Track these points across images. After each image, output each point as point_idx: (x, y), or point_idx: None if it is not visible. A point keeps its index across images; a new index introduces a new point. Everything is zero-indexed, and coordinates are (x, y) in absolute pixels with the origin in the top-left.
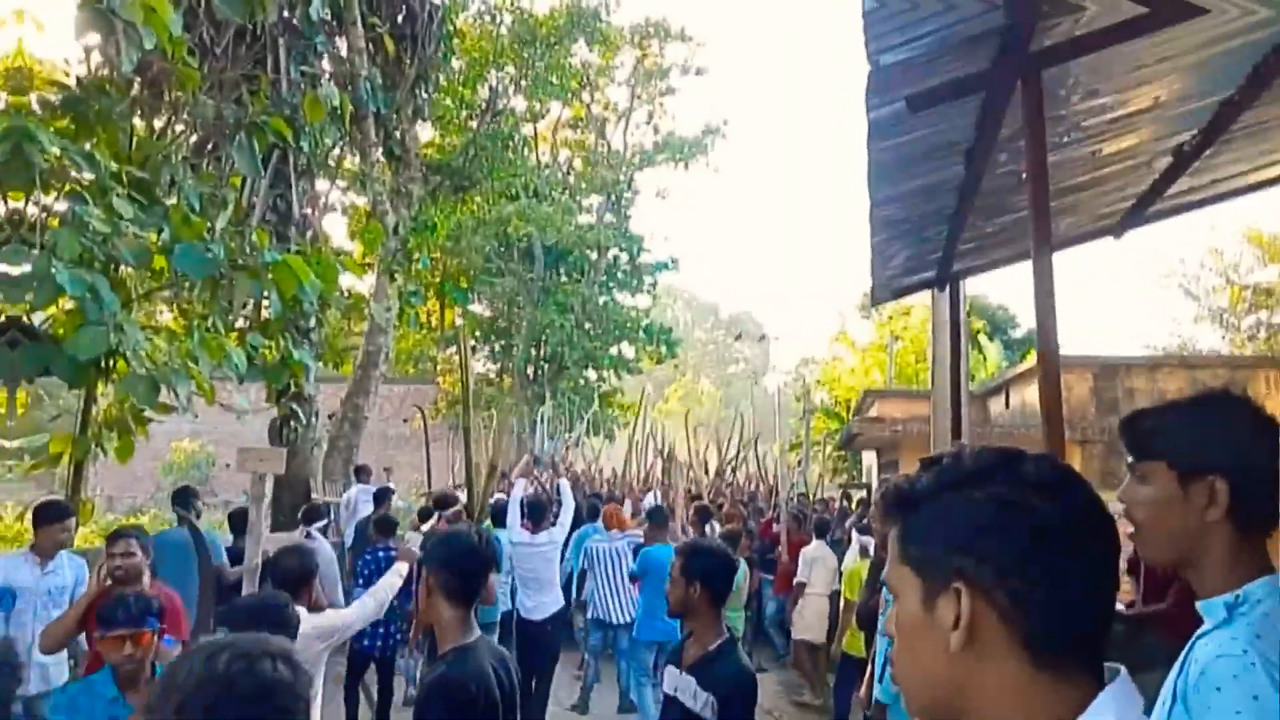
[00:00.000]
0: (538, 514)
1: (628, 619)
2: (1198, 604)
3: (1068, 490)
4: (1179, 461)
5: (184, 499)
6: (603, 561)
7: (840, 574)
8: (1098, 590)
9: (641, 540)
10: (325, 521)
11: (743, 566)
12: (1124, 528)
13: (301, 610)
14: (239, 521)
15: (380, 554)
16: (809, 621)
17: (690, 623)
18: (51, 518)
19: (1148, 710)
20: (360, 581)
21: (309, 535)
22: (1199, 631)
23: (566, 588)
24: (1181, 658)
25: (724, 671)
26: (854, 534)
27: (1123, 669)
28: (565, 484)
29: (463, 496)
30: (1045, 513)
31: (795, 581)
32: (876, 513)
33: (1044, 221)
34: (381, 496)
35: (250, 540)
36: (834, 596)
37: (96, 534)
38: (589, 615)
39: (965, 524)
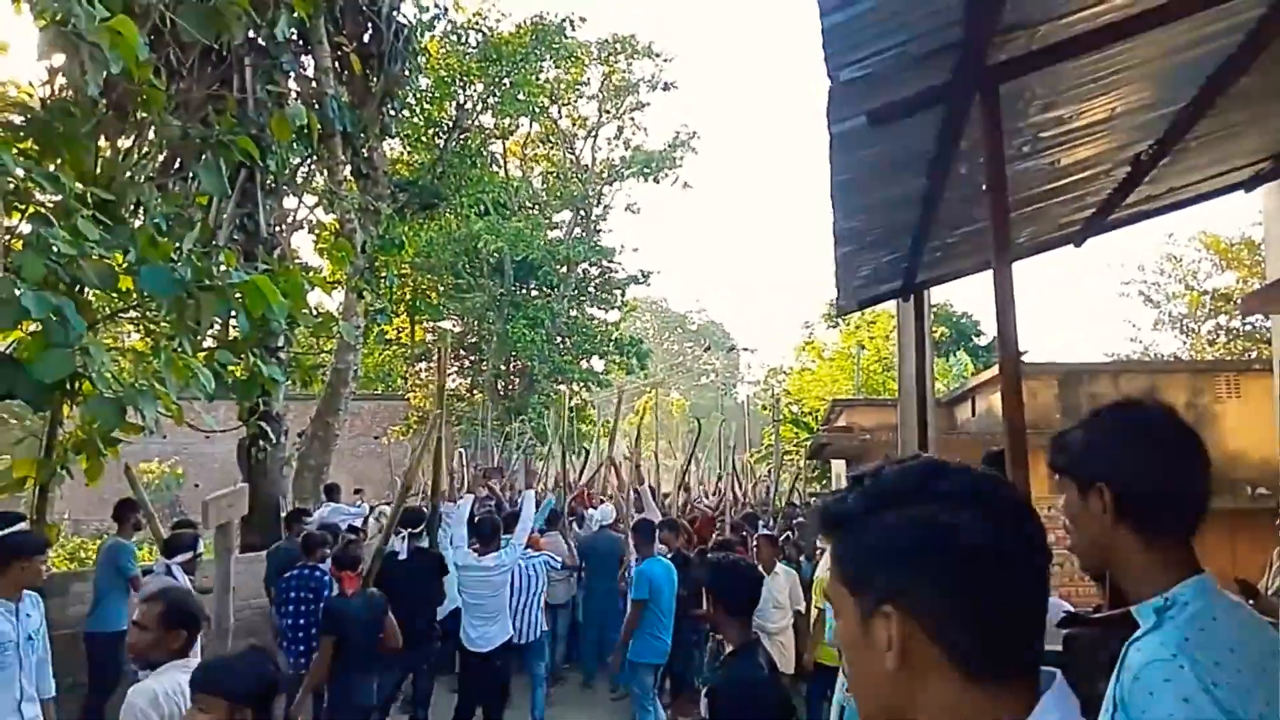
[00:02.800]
0: (486, 534)
1: (534, 638)
2: (1131, 609)
3: (986, 503)
4: (1076, 473)
5: (120, 512)
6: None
7: (803, 587)
8: (1025, 600)
9: (558, 561)
10: (190, 555)
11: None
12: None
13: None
14: (174, 546)
15: (306, 572)
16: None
17: (723, 637)
18: (28, 550)
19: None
20: (282, 608)
21: (169, 571)
22: (1133, 636)
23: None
24: (1118, 664)
25: (727, 675)
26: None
27: (1058, 673)
28: (530, 495)
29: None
30: (963, 530)
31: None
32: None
33: (1004, 232)
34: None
35: (219, 596)
36: (799, 614)
37: (61, 559)
38: None
39: (888, 546)
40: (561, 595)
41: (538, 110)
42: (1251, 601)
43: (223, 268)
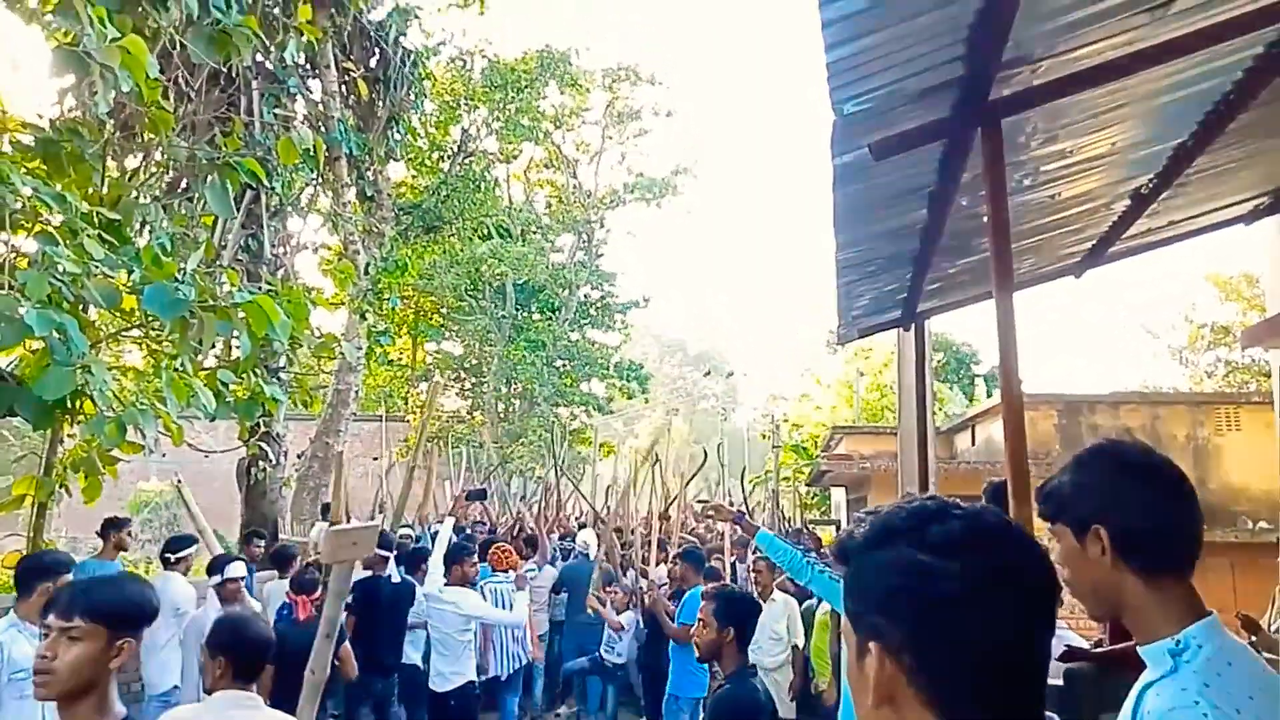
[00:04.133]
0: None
1: (507, 671)
2: (1140, 650)
3: (974, 552)
4: (1071, 519)
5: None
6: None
7: (801, 619)
8: (1008, 651)
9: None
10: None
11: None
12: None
13: None
14: (211, 567)
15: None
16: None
17: (720, 666)
18: (54, 572)
19: None
20: None
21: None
22: (1145, 680)
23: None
24: (1131, 706)
25: (723, 695)
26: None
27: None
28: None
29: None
30: (940, 579)
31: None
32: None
33: (1005, 264)
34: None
35: (319, 643)
36: (795, 649)
37: None
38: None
39: (876, 585)
40: (541, 626)
41: (541, 135)
42: (1254, 637)
43: (226, 288)
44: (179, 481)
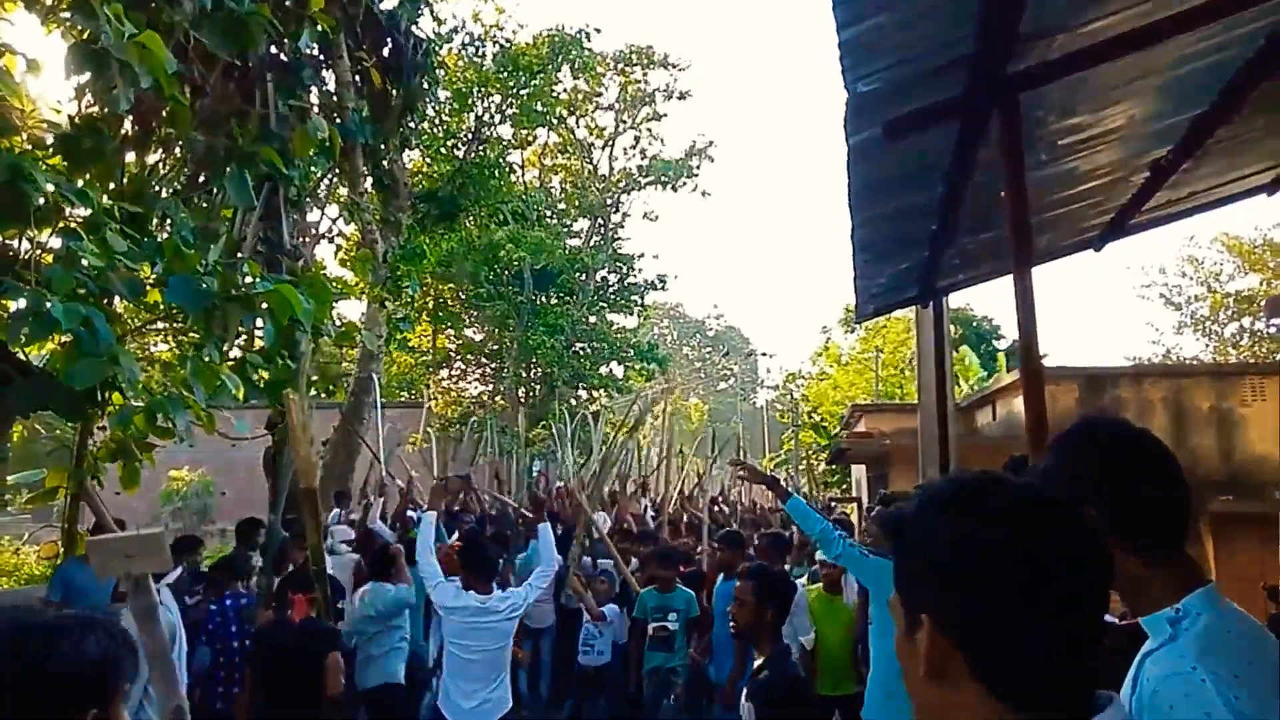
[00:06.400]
0: (482, 568)
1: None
2: (1140, 620)
3: (1025, 525)
4: None
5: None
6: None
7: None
8: (1059, 623)
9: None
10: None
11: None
12: None
13: None
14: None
15: (227, 603)
16: None
17: (757, 647)
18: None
19: None
20: (204, 639)
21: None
22: (1145, 648)
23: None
24: (1132, 675)
25: (767, 679)
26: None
27: (1115, 696)
28: (546, 530)
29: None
30: (997, 549)
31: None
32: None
33: (1024, 239)
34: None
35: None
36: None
37: None
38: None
39: (926, 557)
40: (546, 617)
41: (555, 121)
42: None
43: (247, 279)
44: (93, 480)
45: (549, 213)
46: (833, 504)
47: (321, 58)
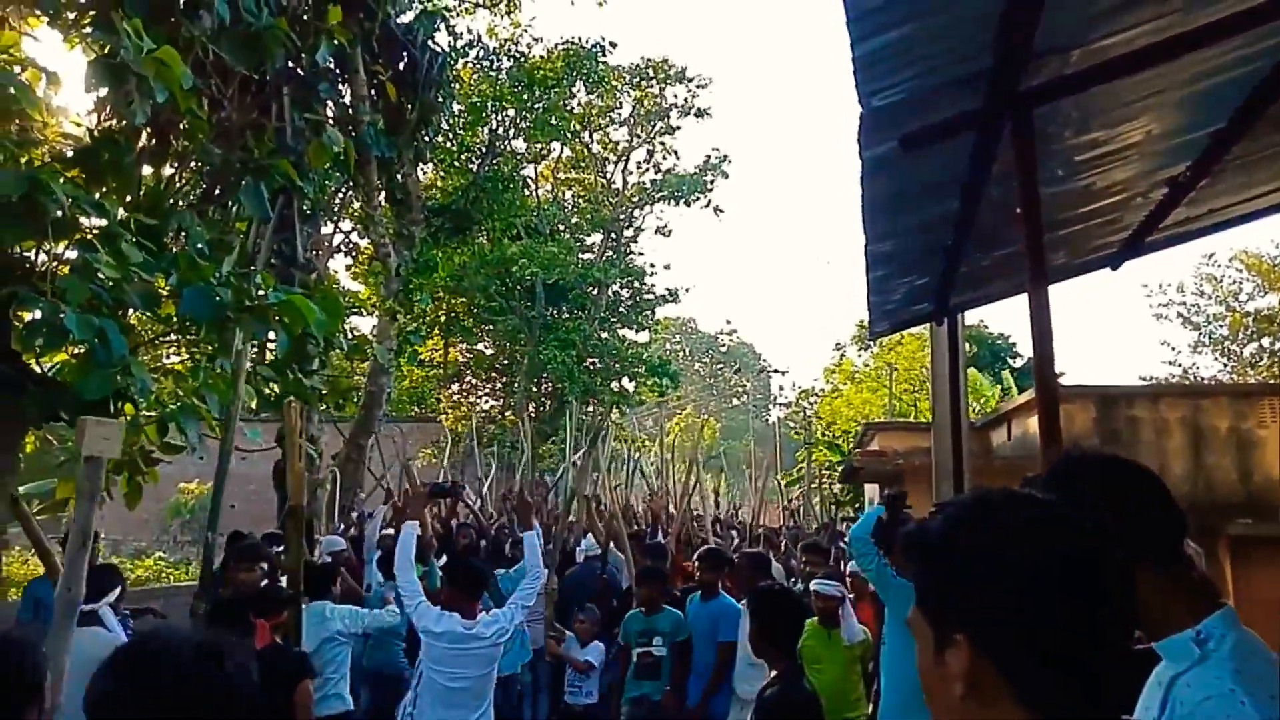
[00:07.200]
0: (468, 586)
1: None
2: (1154, 645)
3: (1048, 542)
4: None
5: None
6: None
7: None
8: (1099, 639)
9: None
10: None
11: None
12: None
13: None
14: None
15: None
16: None
17: (769, 665)
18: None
19: None
20: None
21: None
22: (1172, 671)
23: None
24: (1161, 698)
25: (775, 694)
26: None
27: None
28: (533, 537)
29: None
30: (1022, 566)
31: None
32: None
33: (1039, 256)
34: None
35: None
36: None
37: None
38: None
39: (959, 577)
40: (539, 638)
41: (569, 135)
42: None
43: (260, 291)
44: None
45: (562, 227)
46: (845, 524)
47: (338, 72)
